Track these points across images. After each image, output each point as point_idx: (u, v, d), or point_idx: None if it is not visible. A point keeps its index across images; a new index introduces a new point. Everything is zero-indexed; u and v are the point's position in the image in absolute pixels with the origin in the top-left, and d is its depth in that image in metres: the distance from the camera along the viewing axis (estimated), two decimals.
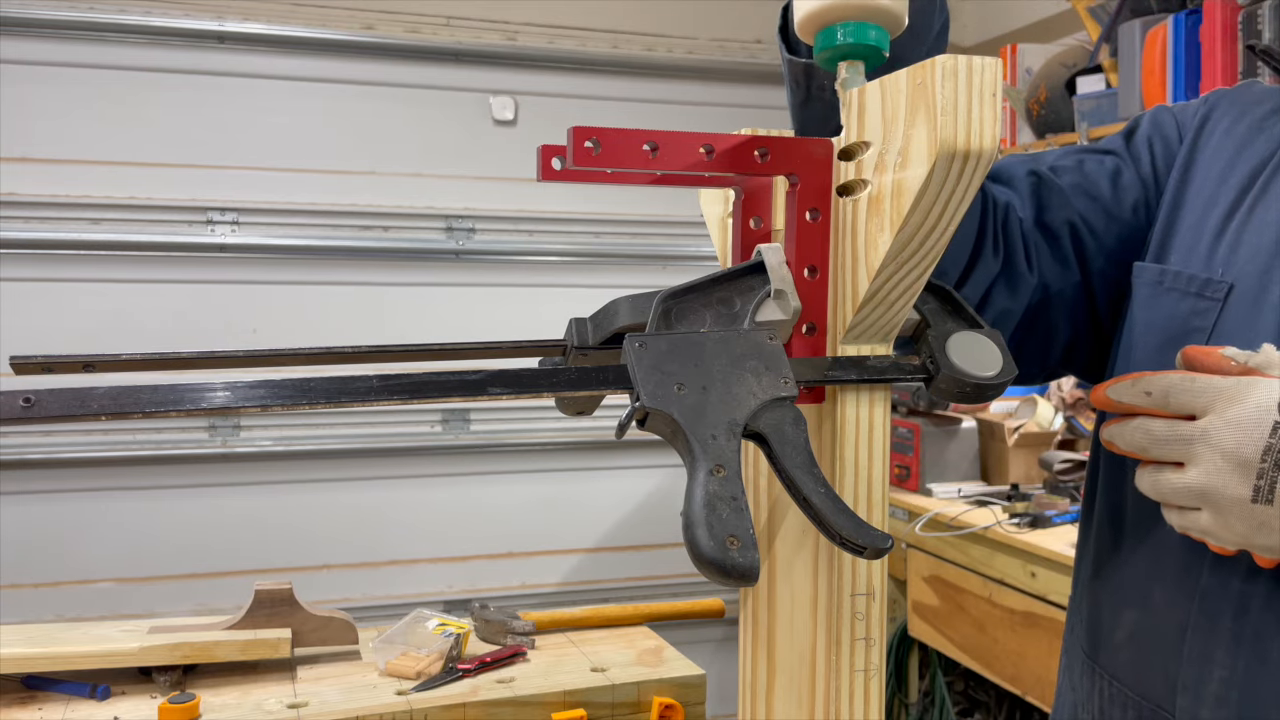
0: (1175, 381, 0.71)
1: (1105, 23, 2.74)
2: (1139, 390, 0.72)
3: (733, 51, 3.35)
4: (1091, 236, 0.91)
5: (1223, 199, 0.86)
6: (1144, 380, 0.72)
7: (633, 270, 3.29)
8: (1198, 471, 0.69)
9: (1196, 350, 0.74)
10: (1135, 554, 0.86)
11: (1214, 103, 0.92)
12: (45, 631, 1.57)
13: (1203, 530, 0.71)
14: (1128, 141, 0.95)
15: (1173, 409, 0.71)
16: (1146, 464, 0.74)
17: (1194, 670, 0.79)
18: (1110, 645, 0.88)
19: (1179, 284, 0.85)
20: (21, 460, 2.81)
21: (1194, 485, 0.70)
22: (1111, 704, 0.88)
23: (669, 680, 1.56)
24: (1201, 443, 0.69)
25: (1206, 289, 0.83)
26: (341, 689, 1.50)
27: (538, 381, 0.57)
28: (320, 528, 3.05)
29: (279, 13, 2.95)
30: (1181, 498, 0.71)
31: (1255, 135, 0.87)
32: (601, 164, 0.57)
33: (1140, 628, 0.85)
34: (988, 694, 2.88)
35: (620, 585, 3.35)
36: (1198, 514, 0.71)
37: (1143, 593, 0.85)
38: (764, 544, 0.67)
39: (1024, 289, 0.89)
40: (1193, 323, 0.84)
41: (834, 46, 0.64)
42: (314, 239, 3.00)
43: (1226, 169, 0.87)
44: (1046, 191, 0.91)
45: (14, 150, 2.78)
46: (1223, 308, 0.82)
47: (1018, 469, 2.88)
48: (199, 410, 0.52)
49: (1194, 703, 0.79)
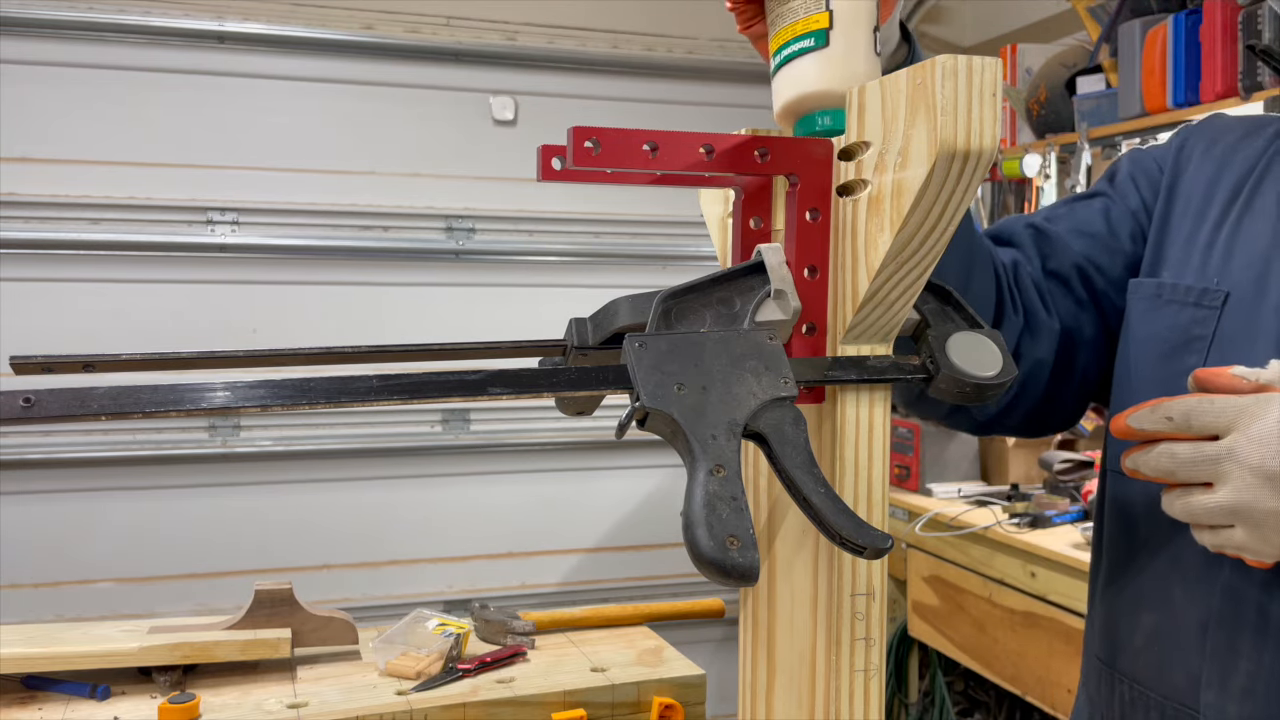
0: (1194, 404, 0.72)
1: (1105, 23, 2.74)
2: (1159, 416, 0.73)
3: (733, 51, 3.34)
4: (1099, 273, 0.95)
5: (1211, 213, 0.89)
6: (1163, 406, 0.73)
7: (633, 270, 3.29)
8: (1228, 490, 0.70)
9: (1207, 372, 0.75)
10: (1152, 559, 0.87)
11: (1185, 135, 0.97)
12: (45, 631, 1.57)
13: (1238, 546, 0.72)
14: (1111, 182, 0.99)
15: (1195, 431, 0.72)
16: (1174, 487, 0.74)
17: (1219, 665, 0.80)
18: (1130, 649, 0.89)
19: (1177, 295, 0.88)
20: (21, 460, 2.81)
21: (1226, 503, 0.70)
22: (1133, 708, 0.89)
23: (669, 680, 1.56)
24: (1229, 461, 0.70)
25: (1204, 298, 0.86)
26: (341, 689, 1.50)
27: (538, 381, 0.57)
28: (320, 528, 3.05)
29: (279, 13, 2.95)
30: (1214, 517, 0.72)
31: (1232, 155, 0.91)
32: (601, 164, 0.57)
33: (1160, 629, 0.86)
34: (988, 694, 2.88)
35: (620, 585, 3.34)
36: (1231, 531, 0.72)
37: (1162, 594, 0.86)
38: (764, 544, 0.67)
39: (1048, 336, 0.92)
40: (1193, 331, 0.86)
41: (814, 132, 0.66)
42: (314, 239, 3.00)
43: (1210, 186, 0.91)
44: (1046, 241, 0.95)
45: (14, 150, 2.78)
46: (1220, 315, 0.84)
47: (1018, 469, 2.88)
48: (199, 410, 0.52)
49: (1220, 697, 0.80)
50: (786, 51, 0.67)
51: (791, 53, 0.66)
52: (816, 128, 0.66)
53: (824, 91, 0.65)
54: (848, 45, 0.65)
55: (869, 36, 0.66)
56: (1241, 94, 2.31)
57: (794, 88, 0.66)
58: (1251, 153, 0.90)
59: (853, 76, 0.65)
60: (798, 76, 0.66)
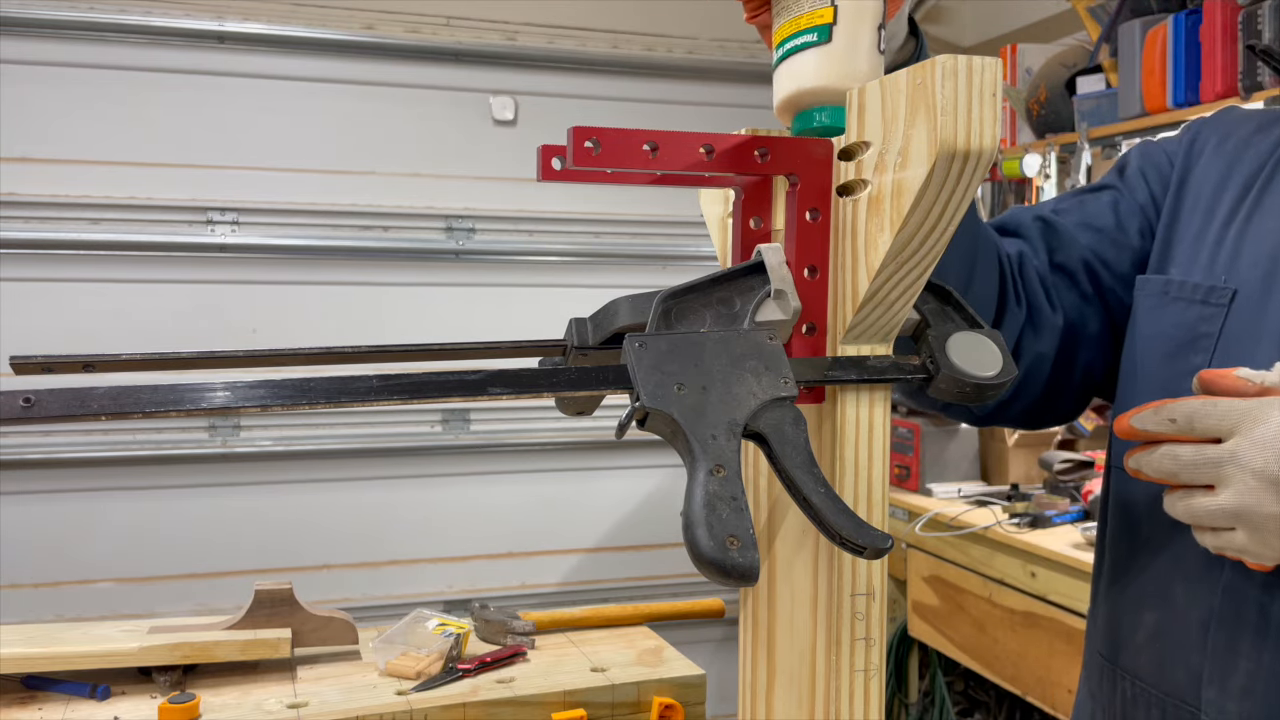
0: (1198, 407, 0.72)
1: (1105, 23, 2.74)
2: (1162, 418, 0.73)
3: (733, 51, 3.34)
4: (1105, 268, 0.95)
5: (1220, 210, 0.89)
6: (1166, 408, 0.73)
7: (633, 270, 3.29)
8: (1230, 493, 0.70)
9: (1212, 374, 0.75)
10: (1154, 557, 0.87)
11: (1198, 128, 0.96)
12: (45, 631, 1.57)
13: (1239, 549, 0.72)
14: (1120, 175, 0.99)
15: (1198, 434, 0.72)
16: (1176, 488, 0.75)
17: (1219, 663, 0.80)
18: (1131, 647, 0.90)
19: (1184, 292, 0.88)
20: (21, 460, 2.81)
21: (1228, 506, 0.71)
22: (1134, 705, 0.89)
23: (669, 680, 1.56)
24: (1231, 464, 0.70)
25: (1211, 296, 0.86)
26: (341, 689, 1.50)
27: (538, 381, 0.57)
28: (320, 528, 3.05)
29: (279, 13, 2.95)
30: (1216, 519, 0.72)
31: (1244, 151, 0.90)
32: (601, 164, 0.57)
33: (1162, 627, 0.86)
34: (988, 694, 2.88)
35: (620, 585, 3.34)
36: (1232, 534, 0.72)
37: (1164, 593, 0.86)
38: (764, 544, 0.67)
39: (1051, 331, 0.92)
40: (1200, 329, 0.86)
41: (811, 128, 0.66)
42: (314, 239, 3.00)
43: (1220, 182, 0.90)
44: (1054, 234, 0.95)
45: (14, 150, 2.78)
46: (1228, 313, 0.84)
47: (1018, 469, 2.88)
48: (199, 410, 0.52)
49: (1220, 695, 0.80)
50: (789, 45, 0.66)
51: (794, 46, 0.66)
52: (814, 124, 0.66)
53: (823, 88, 0.65)
54: (851, 42, 0.65)
55: (873, 34, 0.66)
56: (1241, 94, 2.31)
57: (793, 82, 0.66)
58: (1264, 149, 0.89)
59: (854, 74, 0.64)
60: (798, 71, 0.66)
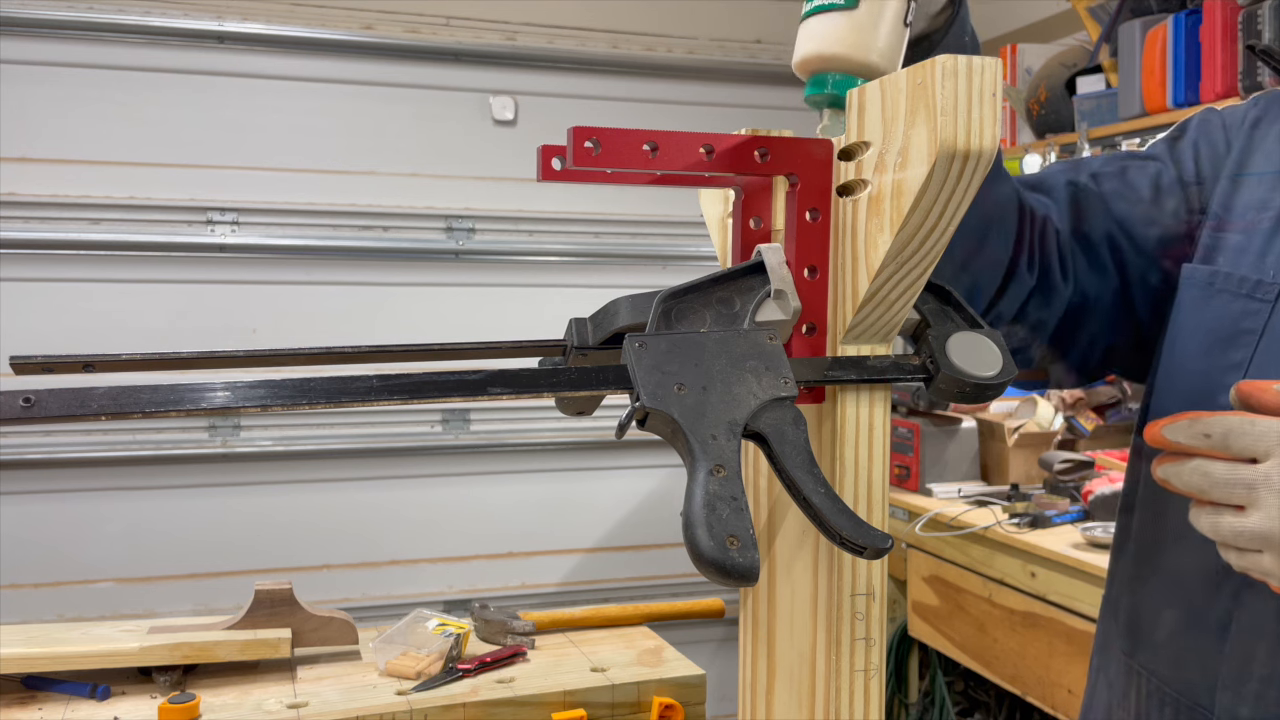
0: (1235, 424, 0.70)
1: (1105, 23, 2.74)
2: (1197, 431, 0.71)
3: (733, 51, 3.34)
4: (1130, 242, 0.92)
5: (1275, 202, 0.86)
6: (1202, 421, 0.71)
7: (633, 270, 3.29)
8: (1261, 516, 0.69)
9: (1251, 386, 0.73)
10: (1179, 556, 0.87)
11: (1265, 106, 0.92)
12: (45, 631, 1.57)
13: (1264, 572, 0.71)
14: (1172, 146, 0.96)
15: (1233, 452, 0.70)
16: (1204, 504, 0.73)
17: (1234, 669, 0.80)
18: (1151, 644, 0.90)
19: (1230, 285, 0.86)
20: (21, 460, 2.81)
21: (1258, 530, 0.69)
22: (1150, 701, 0.89)
23: (669, 680, 1.56)
24: (1264, 488, 0.68)
25: (1257, 290, 0.84)
26: (341, 689, 1.50)
27: (538, 381, 0.57)
28: (320, 528, 3.05)
29: (278, 13, 2.95)
30: (1243, 541, 0.70)
31: None
32: (601, 164, 0.57)
33: (1182, 627, 0.86)
34: (988, 694, 2.88)
35: (620, 585, 3.34)
36: (1259, 556, 0.70)
37: (1186, 593, 0.86)
38: (764, 544, 0.67)
39: (1058, 301, 0.90)
40: (1243, 324, 0.84)
41: (823, 93, 0.66)
42: (314, 239, 3.00)
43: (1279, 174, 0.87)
44: (1085, 200, 0.92)
45: (14, 150, 2.78)
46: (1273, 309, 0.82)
47: (1018, 469, 2.88)
48: (199, 410, 0.52)
49: (1234, 700, 0.80)
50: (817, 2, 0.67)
51: (821, 4, 0.66)
52: (825, 89, 0.66)
53: (840, 56, 0.65)
54: (875, 12, 0.65)
55: (901, 5, 0.66)
56: (1241, 94, 2.31)
57: (812, 43, 0.66)
58: None
59: (872, 46, 0.65)
60: (820, 32, 0.66)
